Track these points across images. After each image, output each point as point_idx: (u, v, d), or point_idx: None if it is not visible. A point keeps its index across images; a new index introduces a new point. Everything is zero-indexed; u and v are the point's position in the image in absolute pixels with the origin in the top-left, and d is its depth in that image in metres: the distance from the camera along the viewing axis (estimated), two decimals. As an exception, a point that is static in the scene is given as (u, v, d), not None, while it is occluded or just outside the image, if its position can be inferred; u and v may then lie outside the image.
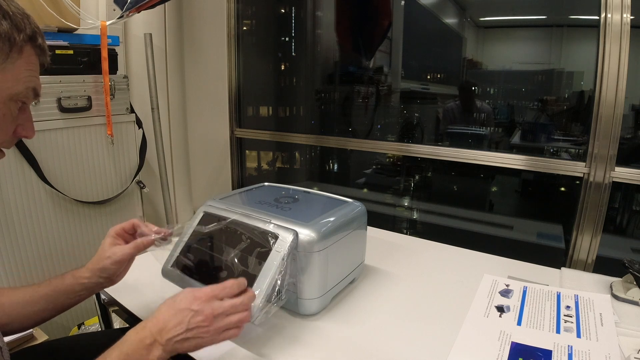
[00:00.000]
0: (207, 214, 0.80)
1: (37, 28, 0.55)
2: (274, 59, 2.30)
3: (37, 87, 0.58)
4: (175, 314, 0.56)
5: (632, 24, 1.13)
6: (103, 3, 1.66)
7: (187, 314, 0.55)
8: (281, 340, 0.69)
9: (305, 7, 2.20)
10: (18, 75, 0.53)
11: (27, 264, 1.30)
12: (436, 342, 0.68)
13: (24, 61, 0.53)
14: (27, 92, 0.55)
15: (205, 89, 2.08)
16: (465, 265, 0.98)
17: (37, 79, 0.57)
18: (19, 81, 0.53)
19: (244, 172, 2.22)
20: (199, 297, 0.57)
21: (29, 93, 0.56)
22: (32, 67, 0.55)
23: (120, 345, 0.54)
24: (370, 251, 0.91)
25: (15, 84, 0.53)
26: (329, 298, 0.77)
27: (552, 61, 1.65)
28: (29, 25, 0.53)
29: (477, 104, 1.85)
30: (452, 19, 1.98)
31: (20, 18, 0.52)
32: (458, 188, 1.96)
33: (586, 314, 0.75)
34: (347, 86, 2.11)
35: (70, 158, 1.39)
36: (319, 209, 0.82)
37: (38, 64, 0.57)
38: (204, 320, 0.56)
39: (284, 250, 0.66)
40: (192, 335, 0.55)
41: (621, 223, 1.63)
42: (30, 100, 0.58)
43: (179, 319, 0.55)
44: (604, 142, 1.21)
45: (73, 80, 1.36)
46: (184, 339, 0.55)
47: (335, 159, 2.33)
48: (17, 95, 0.54)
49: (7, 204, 1.23)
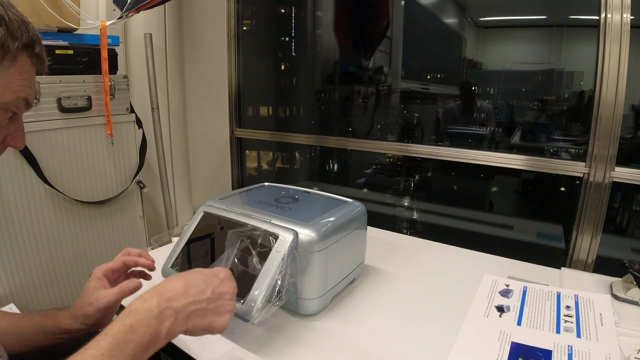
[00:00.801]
0: (207, 214, 0.80)
1: (36, 36, 0.53)
2: (274, 59, 2.30)
3: (29, 98, 0.55)
4: (197, 278, 0.50)
5: (632, 24, 1.13)
6: (103, 3, 1.66)
7: (214, 281, 0.50)
8: (281, 340, 0.68)
9: (305, 7, 2.20)
10: (9, 84, 0.51)
11: (27, 264, 1.30)
12: (436, 342, 0.68)
13: (17, 70, 0.51)
14: (17, 102, 0.53)
15: (205, 89, 2.08)
16: (465, 265, 0.98)
17: (31, 89, 0.55)
18: (9, 90, 0.51)
19: (244, 172, 2.22)
20: (225, 270, 0.53)
21: (20, 103, 0.54)
22: (26, 77, 0.53)
23: (122, 317, 0.45)
24: (370, 251, 0.91)
25: (5, 92, 0.51)
26: (329, 298, 0.77)
27: (552, 61, 1.65)
28: (26, 33, 0.51)
29: (477, 104, 1.85)
30: (452, 19, 1.98)
31: (17, 25, 0.50)
32: (458, 188, 1.96)
33: (586, 314, 0.75)
34: (347, 86, 2.11)
35: (70, 158, 1.39)
36: (319, 209, 0.82)
37: (33, 74, 0.55)
38: (226, 293, 0.51)
39: (284, 250, 0.66)
40: (212, 308, 0.49)
41: (621, 223, 1.63)
42: (22, 110, 0.55)
43: (202, 284, 0.49)
44: (604, 142, 1.21)
45: (73, 80, 1.36)
46: (202, 311, 0.48)
47: (335, 159, 2.33)
48: (7, 105, 0.52)
49: (7, 204, 1.23)
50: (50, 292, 1.39)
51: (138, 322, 0.45)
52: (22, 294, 1.30)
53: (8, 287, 1.26)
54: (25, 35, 0.51)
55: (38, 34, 0.54)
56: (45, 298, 1.37)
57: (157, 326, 0.45)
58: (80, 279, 1.45)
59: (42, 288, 1.36)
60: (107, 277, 0.65)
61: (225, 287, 0.52)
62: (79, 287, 1.45)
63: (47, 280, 1.37)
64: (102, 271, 0.65)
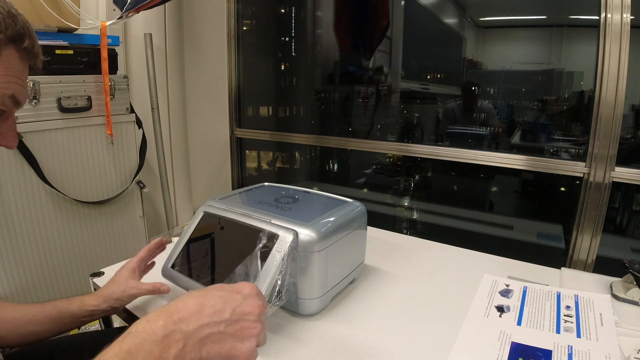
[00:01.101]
0: (207, 214, 0.80)
1: (25, 29, 0.50)
2: (274, 59, 2.30)
3: (18, 95, 0.51)
4: (215, 296, 0.41)
5: (632, 24, 1.13)
6: (103, 3, 1.66)
7: (235, 299, 0.41)
8: (281, 340, 0.68)
9: (305, 7, 2.20)
10: None
11: (27, 264, 1.30)
12: (436, 342, 0.68)
13: (2, 65, 0.48)
14: (2, 99, 0.50)
15: (205, 89, 2.08)
16: (465, 265, 0.98)
17: (20, 86, 0.51)
18: None
19: (244, 172, 2.22)
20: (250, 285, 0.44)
21: (6, 101, 0.50)
22: (13, 72, 0.50)
23: (121, 339, 0.37)
24: (370, 251, 0.91)
25: None
26: (329, 298, 0.77)
27: (552, 61, 1.65)
28: (12, 25, 0.48)
29: (479, 104, 1.85)
30: (452, 19, 1.98)
31: (2, 18, 0.47)
32: (458, 188, 1.96)
33: (586, 314, 0.75)
34: (347, 86, 2.11)
35: (70, 158, 1.39)
36: (319, 209, 0.82)
37: (23, 69, 0.52)
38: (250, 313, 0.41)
39: (284, 250, 0.66)
40: (232, 332, 0.40)
41: (621, 223, 1.63)
42: (9, 108, 0.52)
43: (220, 302, 0.40)
44: (604, 142, 1.21)
45: (73, 80, 1.36)
46: (219, 335, 0.39)
47: (335, 159, 2.33)
48: None
49: (7, 204, 1.23)
50: (50, 292, 1.39)
51: (137, 346, 0.36)
52: (22, 294, 1.30)
53: (8, 287, 1.26)
54: (11, 29, 0.48)
55: (29, 27, 0.51)
56: (45, 298, 1.37)
57: (160, 353, 0.36)
58: (80, 279, 1.45)
59: (42, 288, 1.36)
60: (139, 269, 0.74)
61: (249, 305, 0.42)
62: (79, 287, 1.46)
63: (47, 280, 1.37)
64: (134, 264, 0.73)
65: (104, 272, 0.88)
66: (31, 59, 0.53)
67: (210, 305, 0.40)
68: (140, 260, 0.74)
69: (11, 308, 0.66)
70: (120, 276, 0.71)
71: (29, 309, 0.66)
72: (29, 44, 0.51)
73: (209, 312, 0.39)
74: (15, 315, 0.65)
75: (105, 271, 0.88)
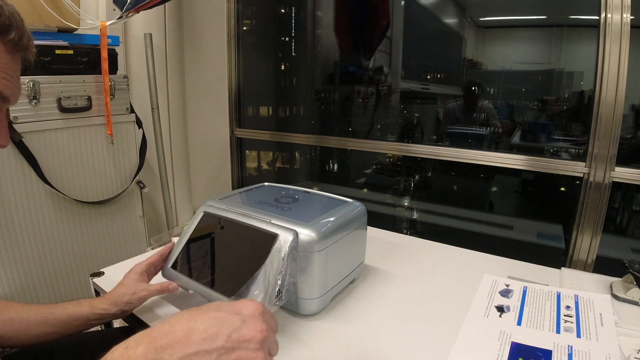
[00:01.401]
0: (207, 214, 0.80)
1: (11, 20, 0.46)
2: (274, 59, 2.30)
3: (4, 90, 0.47)
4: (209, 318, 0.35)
5: (632, 24, 1.13)
6: (103, 3, 1.66)
7: (233, 321, 0.35)
8: (281, 340, 0.68)
9: (305, 7, 2.20)
10: None
11: (27, 264, 1.30)
12: (436, 342, 0.68)
13: None
14: None
15: (205, 89, 2.08)
16: (465, 265, 0.98)
17: (7, 81, 0.48)
18: None
19: (244, 172, 2.22)
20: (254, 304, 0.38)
21: None
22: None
23: None
24: (370, 251, 0.91)
25: None
26: (329, 298, 0.77)
27: (552, 61, 1.65)
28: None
29: (479, 104, 1.85)
30: (452, 19, 1.98)
31: None
32: (458, 188, 1.96)
33: (586, 314, 0.75)
34: (347, 86, 2.11)
35: (70, 158, 1.39)
36: (319, 209, 0.82)
37: (10, 63, 0.48)
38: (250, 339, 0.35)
39: (284, 250, 0.66)
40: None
41: (621, 223, 1.63)
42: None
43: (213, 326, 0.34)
44: (604, 142, 1.21)
45: (73, 80, 1.36)
46: None
47: (335, 159, 2.33)
48: None
49: (7, 204, 1.23)
50: (50, 292, 1.39)
51: None
52: (22, 294, 1.30)
53: (8, 287, 1.26)
54: None
55: (16, 19, 0.48)
56: (45, 298, 1.37)
57: None
58: (80, 279, 1.45)
59: (42, 288, 1.36)
60: (148, 272, 0.73)
61: (249, 330, 0.35)
62: (79, 287, 1.45)
63: (47, 280, 1.37)
64: (143, 267, 0.72)
65: (104, 272, 0.88)
66: (20, 51, 0.49)
67: (201, 329, 0.34)
68: (150, 264, 0.74)
69: (20, 308, 0.65)
70: (129, 279, 0.71)
71: (39, 310, 0.65)
72: (16, 35, 0.47)
73: (199, 339, 0.33)
74: (24, 315, 0.64)
75: (105, 271, 0.88)
